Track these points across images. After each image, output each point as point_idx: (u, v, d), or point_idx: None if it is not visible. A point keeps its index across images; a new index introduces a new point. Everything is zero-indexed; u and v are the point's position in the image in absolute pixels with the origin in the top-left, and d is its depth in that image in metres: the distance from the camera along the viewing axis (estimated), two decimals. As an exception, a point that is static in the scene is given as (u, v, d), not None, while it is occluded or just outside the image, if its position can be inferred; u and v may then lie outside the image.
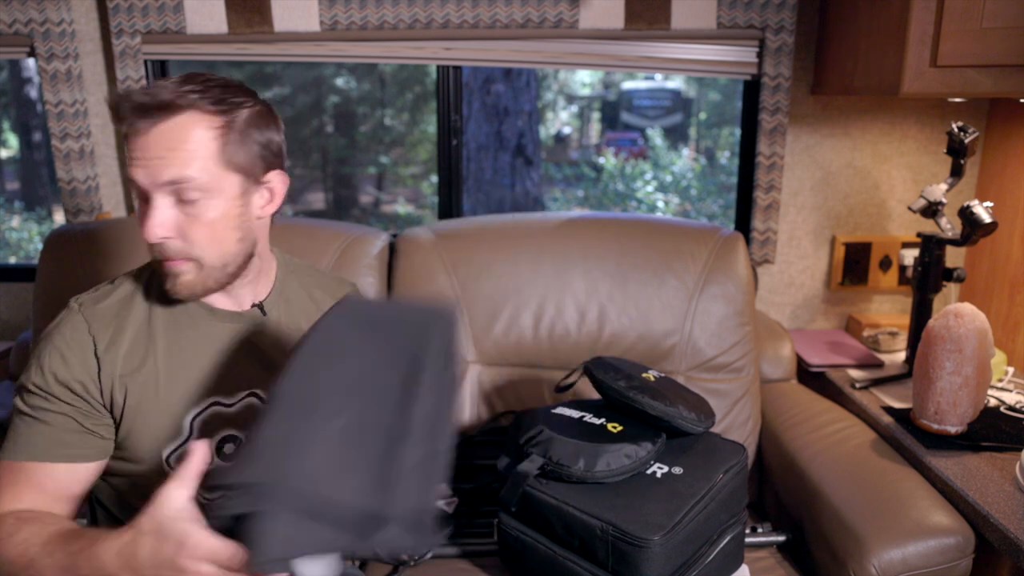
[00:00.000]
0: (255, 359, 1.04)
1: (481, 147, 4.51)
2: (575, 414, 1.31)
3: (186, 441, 0.99)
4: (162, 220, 0.91)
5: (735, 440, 1.62)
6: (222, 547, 0.71)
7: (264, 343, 1.05)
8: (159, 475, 0.97)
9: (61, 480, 0.94)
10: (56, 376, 0.94)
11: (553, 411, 1.33)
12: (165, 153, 0.89)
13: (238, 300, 1.04)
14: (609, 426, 1.25)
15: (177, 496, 0.74)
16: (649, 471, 1.23)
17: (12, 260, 5.55)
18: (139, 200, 0.93)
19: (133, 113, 0.89)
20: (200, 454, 0.76)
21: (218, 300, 1.03)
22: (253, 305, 1.05)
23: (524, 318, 1.66)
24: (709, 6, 1.76)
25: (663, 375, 1.37)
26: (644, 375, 1.31)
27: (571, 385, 1.43)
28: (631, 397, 1.24)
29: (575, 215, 1.77)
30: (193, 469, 0.75)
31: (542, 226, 1.73)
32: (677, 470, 1.22)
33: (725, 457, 1.27)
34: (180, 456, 0.99)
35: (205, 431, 1.00)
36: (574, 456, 1.19)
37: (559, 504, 1.17)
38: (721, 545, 1.22)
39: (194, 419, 0.99)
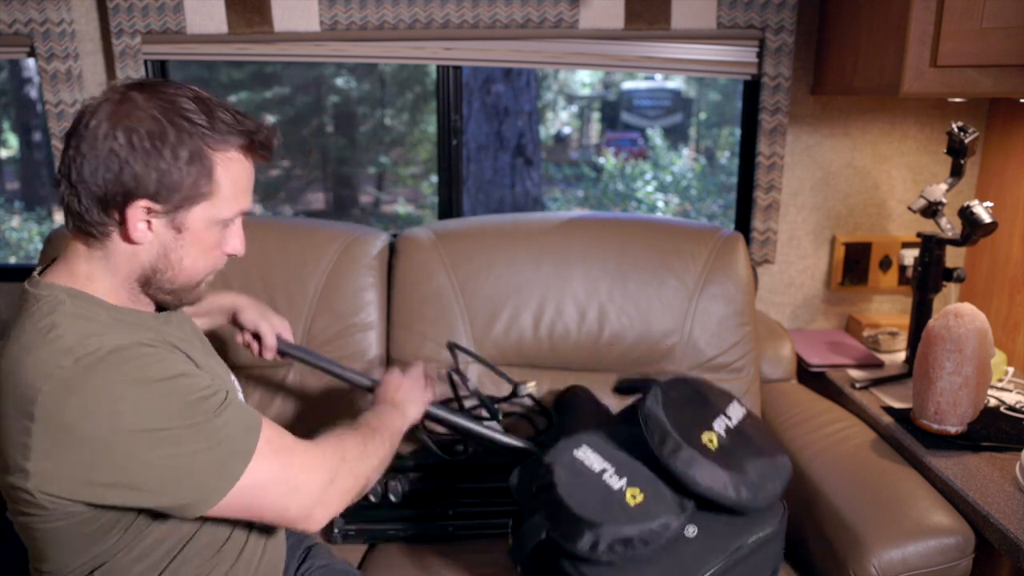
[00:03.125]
0: (205, 340, 1.10)
1: (481, 147, 4.51)
2: (597, 466, 1.12)
3: None
4: None
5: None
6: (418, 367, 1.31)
7: (195, 329, 1.10)
8: None
9: (277, 435, 0.97)
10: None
11: (576, 453, 1.15)
12: None
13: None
14: (629, 494, 1.07)
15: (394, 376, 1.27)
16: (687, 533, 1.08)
17: (12, 260, 5.55)
18: (220, 227, 0.93)
19: (266, 150, 0.94)
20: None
21: (147, 308, 0.98)
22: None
23: (524, 318, 1.66)
24: (709, 6, 1.76)
25: (740, 424, 1.16)
26: (706, 435, 1.10)
27: (632, 388, 1.29)
28: (670, 467, 1.06)
29: (575, 215, 1.77)
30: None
31: (542, 226, 1.73)
32: (691, 530, 1.05)
33: (757, 519, 1.07)
34: None
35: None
36: (577, 533, 1.03)
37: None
38: None
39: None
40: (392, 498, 1.48)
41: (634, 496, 1.06)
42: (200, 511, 0.86)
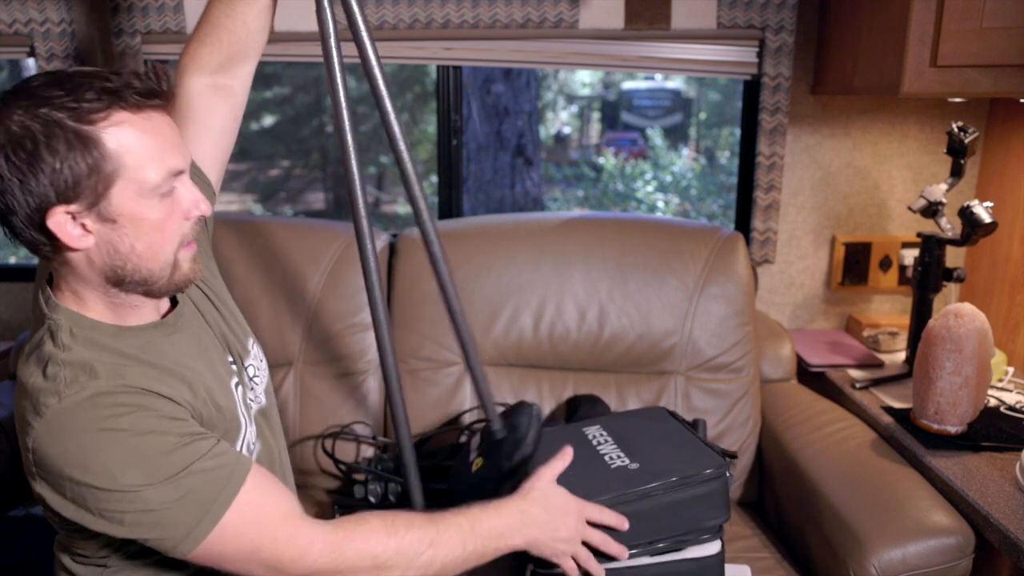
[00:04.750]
0: (215, 337, 1.03)
1: (481, 147, 4.51)
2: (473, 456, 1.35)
3: (246, 428, 1.01)
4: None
5: (732, 449, 1.62)
6: (609, 513, 1.02)
7: (204, 319, 1.04)
8: None
9: (264, 482, 0.91)
10: (161, 428, 0.85)
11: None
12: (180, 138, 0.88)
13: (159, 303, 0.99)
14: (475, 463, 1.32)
15: (549, 476, 1.04)
16: (607, 457, 1.23)
17: (12, 260, 5.54)
18: (157, 197, 0.85)
19: (157, 96, 0.84)
20: (568, 456, 1.10)
21: (147, 316, 0.94)
22: (172, 299, 1.01)
23: (524, 318, 1.66)
24: (709, 6, 1.76)
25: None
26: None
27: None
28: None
29: (575, 215, 1.77)
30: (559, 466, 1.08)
31: (542, 226, 1.73)
32: (634, 465, 1.20)
33: (692, 464, 1.19)
34: (248, 445, 1.00)
35: (247, 411, 1.02)
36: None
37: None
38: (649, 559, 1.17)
39: (241, 406, 1.00)
40: (392, 499, 1.49)
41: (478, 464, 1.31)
42: (183, 555, 0.85)
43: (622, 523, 1.07)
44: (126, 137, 0.80)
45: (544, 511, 1.02)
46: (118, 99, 0.80)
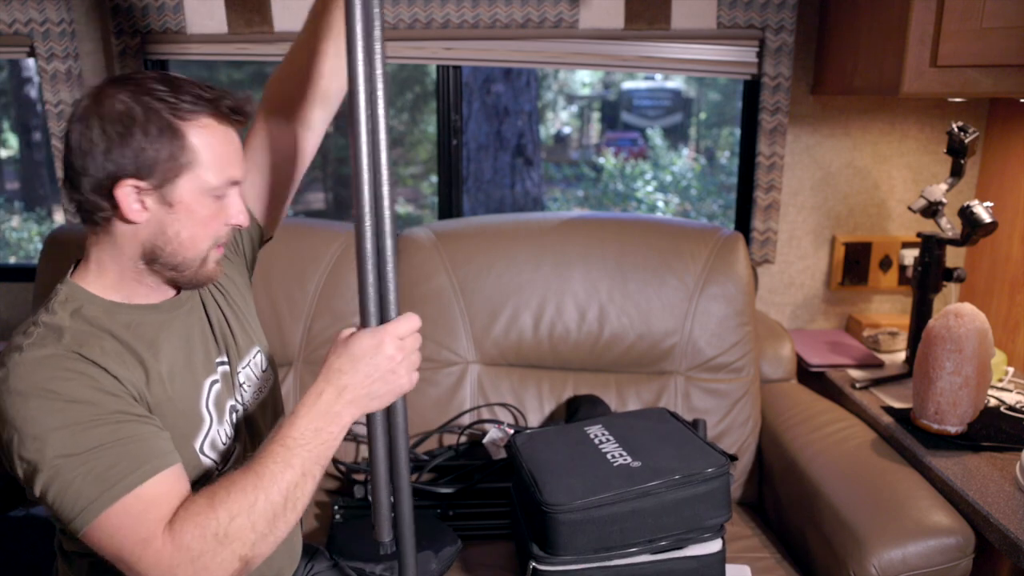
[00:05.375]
0: (211, 330, 1.07)
1: (481, 147, 4.51)
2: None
3: (211, 426, 1.01)
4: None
5: (732, 450, 1.62)
6: (408, 320, 0.94)
7: (212, 310, 1.08)
8: (197, 468, 0.98)
9: (176, 484, 0.89)
10: (94, 400, 0.87)
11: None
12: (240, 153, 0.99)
13: (167, 289, 1.03)
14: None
15: (342, 336, 0.93)
16: (609, 455, 1.25)
17: (12, 260, 5.55)
18: (212, 198, 0.95)
19: (240, 115, 0.96)
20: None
21: (152, 296, 1.00)
22: (178, 291, 1.04)
23: (524, 318, 1.66)
24: (709, 6, 1.76)
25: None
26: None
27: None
28: None
29: (575, 215, 1.77)
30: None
31: (542, 226, 1.73)
32: (636, 464, 1.23)
33: (694, 463, 1.21)
34: (212, 443, 1.00)
35: (218, 410, 1.03)
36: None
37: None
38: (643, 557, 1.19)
39: (207, 402, 1.01)
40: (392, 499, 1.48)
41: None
42: (76, 530, 0.84)
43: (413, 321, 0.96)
44: (205, 139, 0.92)
45: (353, 369, 0.91)
46: (209, 107, 0.92)
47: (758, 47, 1.81)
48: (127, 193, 0.90)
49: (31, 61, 1.91)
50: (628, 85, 6.98)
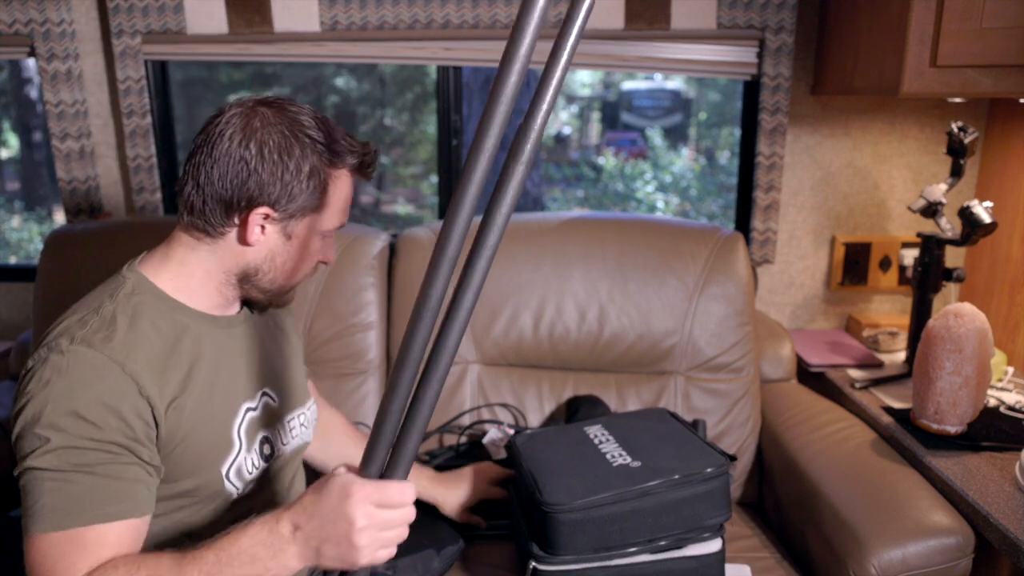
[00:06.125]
0: (258, 357, 1.05)
1: (481, 147, 4.50)
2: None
3: (240, 453, 0.99)
4: None
5: (732, 450, 1.62)
6: (390, 485, 0.77)
7: (260, 340, 1.07)
8: (219, 493, 0.97)
9: (130, 536, 0.87)
10: (104, 424, 0.85)
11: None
12: None
13: (233, 304, 1.04)
14: None
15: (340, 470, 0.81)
16: (608, 455, 1.26)
17: (12, 260, 5.55)
18: (321, 237, 1.00)
19: (371, 171, 1.02)
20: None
21: (218, 308, 1.00)
22: (242, 307, 1.05)
23: (524, 318, 1.66)
24: (709, 6, 1.76)
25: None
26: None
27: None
28: None
29: (575, 215, 1.77)
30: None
31: (542, 226, 1.73)
32: (636, 463, 1.23)
33: (694, 463, 1.21)
34: (238, 470, 0.99)
35: (248, 438, 1.01)
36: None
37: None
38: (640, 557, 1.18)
39: (239, 427, 1.00)
40: None
41: None
42: (25, 528, 0.85)
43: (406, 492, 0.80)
44: (339, 188, 0.97)
45: (314, 511, 0.80)
46: (354, 159, 0.98)
47: (758, 47, 1.81)
48: (257, 218, 0.93)
49: (31, 61, 1.91)
50: (628, 85, 6.97)
